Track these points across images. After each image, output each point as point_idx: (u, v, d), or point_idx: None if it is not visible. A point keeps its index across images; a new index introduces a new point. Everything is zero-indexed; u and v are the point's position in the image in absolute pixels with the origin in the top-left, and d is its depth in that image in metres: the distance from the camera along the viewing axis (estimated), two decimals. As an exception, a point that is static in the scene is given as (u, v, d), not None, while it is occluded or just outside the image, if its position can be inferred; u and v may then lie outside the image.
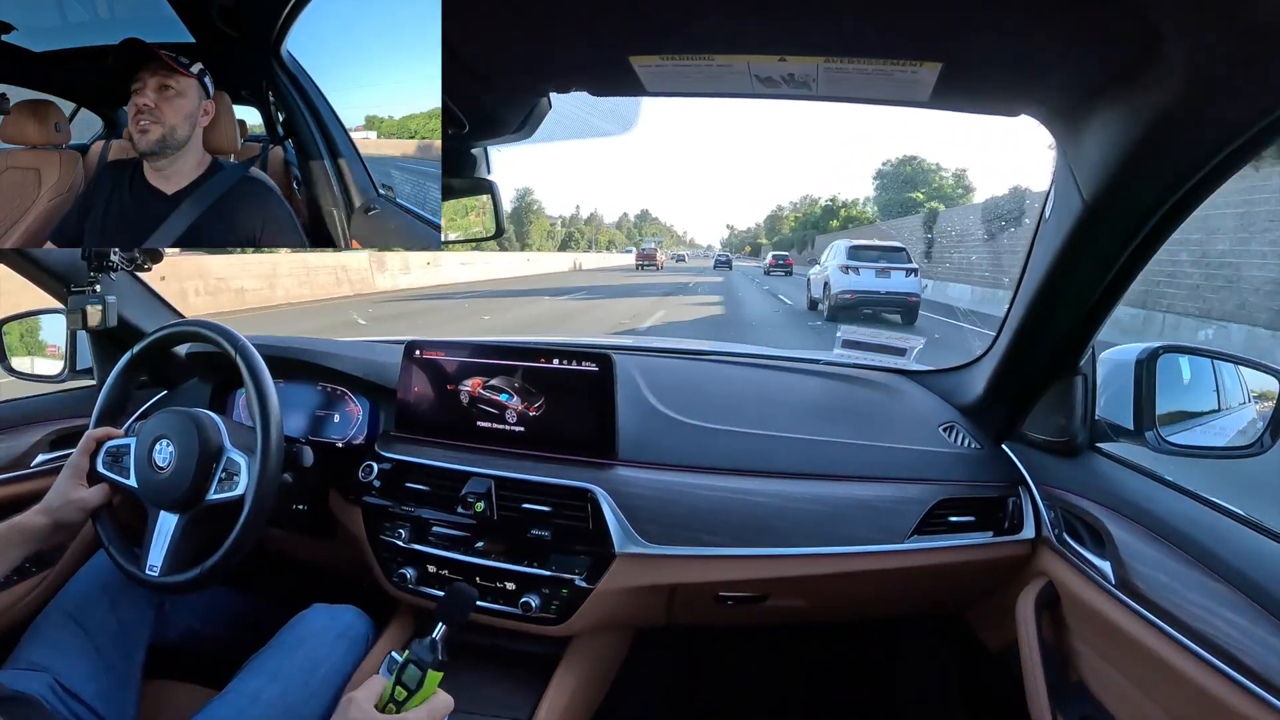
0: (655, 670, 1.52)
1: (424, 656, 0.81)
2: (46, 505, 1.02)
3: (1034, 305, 0.98)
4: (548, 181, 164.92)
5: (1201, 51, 0.58)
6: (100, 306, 1.20)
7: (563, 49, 0.78)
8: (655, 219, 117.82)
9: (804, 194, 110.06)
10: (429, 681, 0.80)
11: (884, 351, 1.48)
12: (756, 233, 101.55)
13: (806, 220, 63.72)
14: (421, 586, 1.16)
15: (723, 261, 43.51)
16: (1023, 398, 1.14)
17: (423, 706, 0.78)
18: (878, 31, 0.67)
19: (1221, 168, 0.70)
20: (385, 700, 0.78)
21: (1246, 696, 0.68)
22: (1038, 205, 0.94)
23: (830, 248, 12.48)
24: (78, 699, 1.00)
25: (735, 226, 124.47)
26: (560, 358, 1.16)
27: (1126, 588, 0.87)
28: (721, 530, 1.09)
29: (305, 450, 1.17)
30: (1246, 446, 0.97)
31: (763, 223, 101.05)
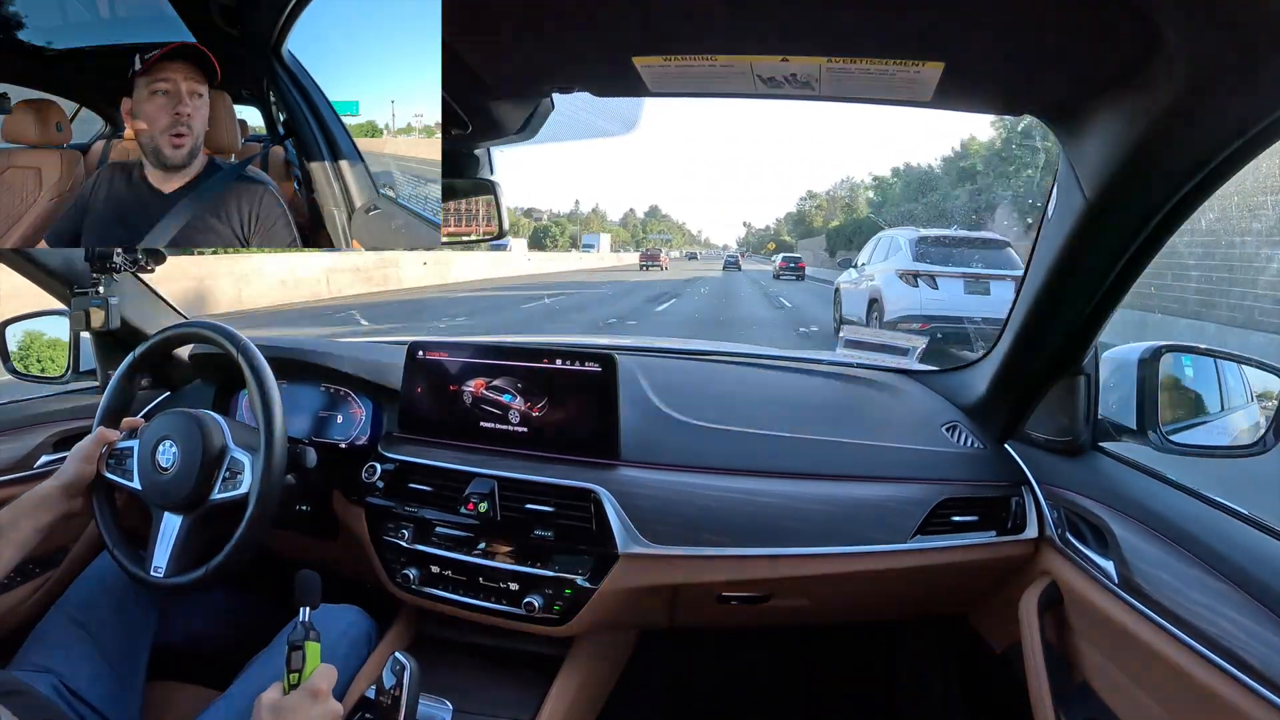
0: (658, 671, 1.52)
1: (298, 638, 0.86)
2: (60, 472, 1.03)
3: (1037, 304, 0.98)
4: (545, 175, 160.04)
5: (1203, 50, 0.58)
6: (103, 308, 1.20)
7: (565, 50, 0.78)
8: (666, 216, 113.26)
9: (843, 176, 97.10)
10: (310, 654, 0.85)
11: (886, 351, 1.48)
12: (779, 229, 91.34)
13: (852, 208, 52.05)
14: (425, 587, 1.16)
15: (731, 261, 43.30)
16: (1026, 397, 1.14)
17: (303, 685, 0.83)
18: (880, 32, 0.67)
19: (1224, 166, 0.70)
20: (286, 689, 0.84)
21: (1250, 696, 0.68)
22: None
23: (879, 241, 7.97)
24: (82, 700, 1.00)
25: (752, 224, 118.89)
26: (563, 358, 1.16)
27: (1130, 587, 0.87)
28: (724, 530, 1.09)
29: (308, 451, 1.17)
30: (1249, 446, 0.97)
31: (783, 218, 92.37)
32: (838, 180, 79.40)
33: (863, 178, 70.24)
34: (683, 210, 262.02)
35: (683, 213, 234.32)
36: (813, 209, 71.47)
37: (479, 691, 1.10)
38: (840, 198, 65.10)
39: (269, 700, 0.82)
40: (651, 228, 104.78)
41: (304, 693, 0.82)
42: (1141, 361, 0.99)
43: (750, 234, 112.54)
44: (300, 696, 0.82)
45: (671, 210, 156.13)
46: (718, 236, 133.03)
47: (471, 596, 1.14)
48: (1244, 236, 7.27)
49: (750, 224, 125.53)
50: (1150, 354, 0.99)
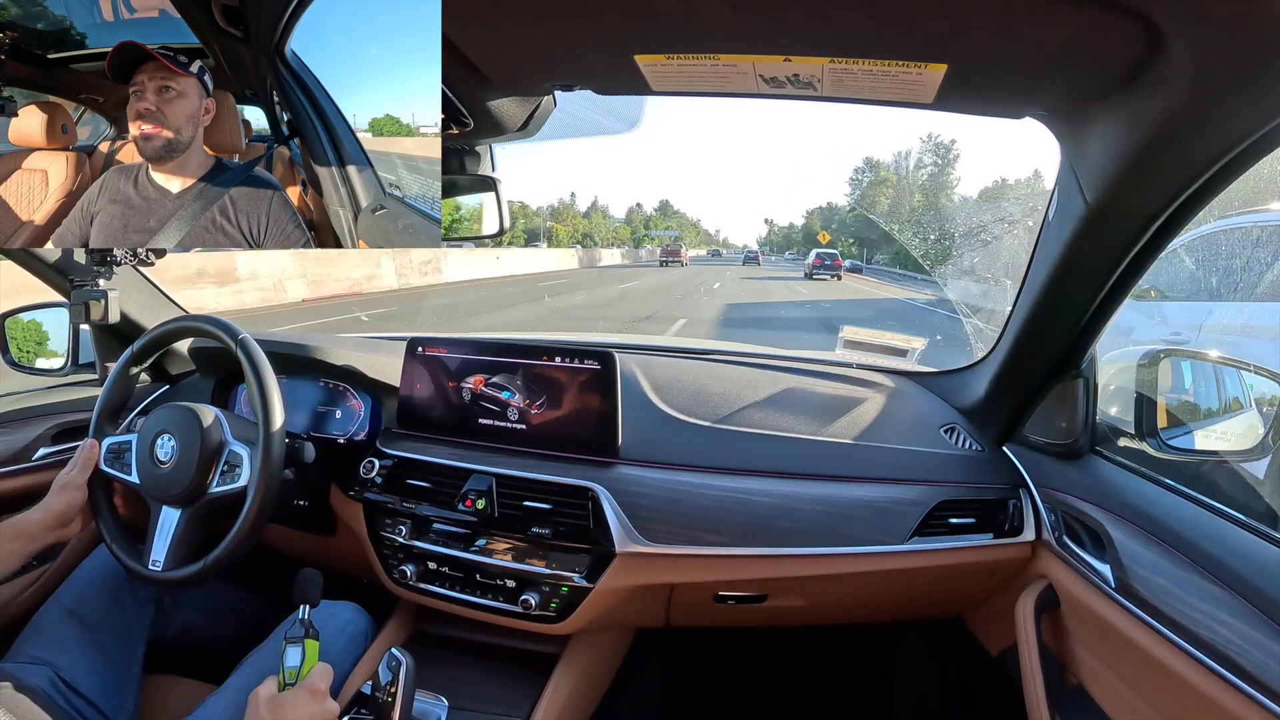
0: (654, 671, 1.52)
1: (296, 635, 0.88)
2: (45, 502, 1.03)
3: (1036, 307, 0.98)
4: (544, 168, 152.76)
5: (1206, 55, 0.58)
6: (103, 301, 1.20)
7: (568, 48, 0.78)
8: (679, 212, 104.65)
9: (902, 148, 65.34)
10: (310, 652, 0.88)
11: (885, 352, 1.48)
12: (810, 221, 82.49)
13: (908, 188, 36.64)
14: (421, 584, 1.16)
15: (750, 257, 43.52)
16: (1024, 400, 1.14)
17: (301, 684, 0.85)
18: (884, 33, 0.67)
19: (1225, 171, 0.70)
20: (282, 685, 0.86)
21: (1245, 701, 0.68)
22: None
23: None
24: (78, 693, 1.00)
25: (775, 221, 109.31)
26: (562, 356, 1.17)
27: (1126, 591, 0.87)
28: (722, 530, 1.09)
29: (307, 446, 1.17)
30: (1248, 450, 0.97)
31: (813, 211, 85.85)
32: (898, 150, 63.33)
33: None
34: (698, 207, 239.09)
35: (698, 209, 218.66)
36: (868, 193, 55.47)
37: (475, 688, 1.10)
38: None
39: (265, 694, 0.82)
40: (655, 223, 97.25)
41: (302, 690, 0.83)
42: (1140, 365, 0.99)
43: (773, 231, 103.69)
44: (298, 694, 0.83)
45: (685, 207, 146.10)
46: (737, 235, 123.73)
47: (468, 593, 1.14)
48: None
49: (773, 220, 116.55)
50: (1149, 358, 0.99)
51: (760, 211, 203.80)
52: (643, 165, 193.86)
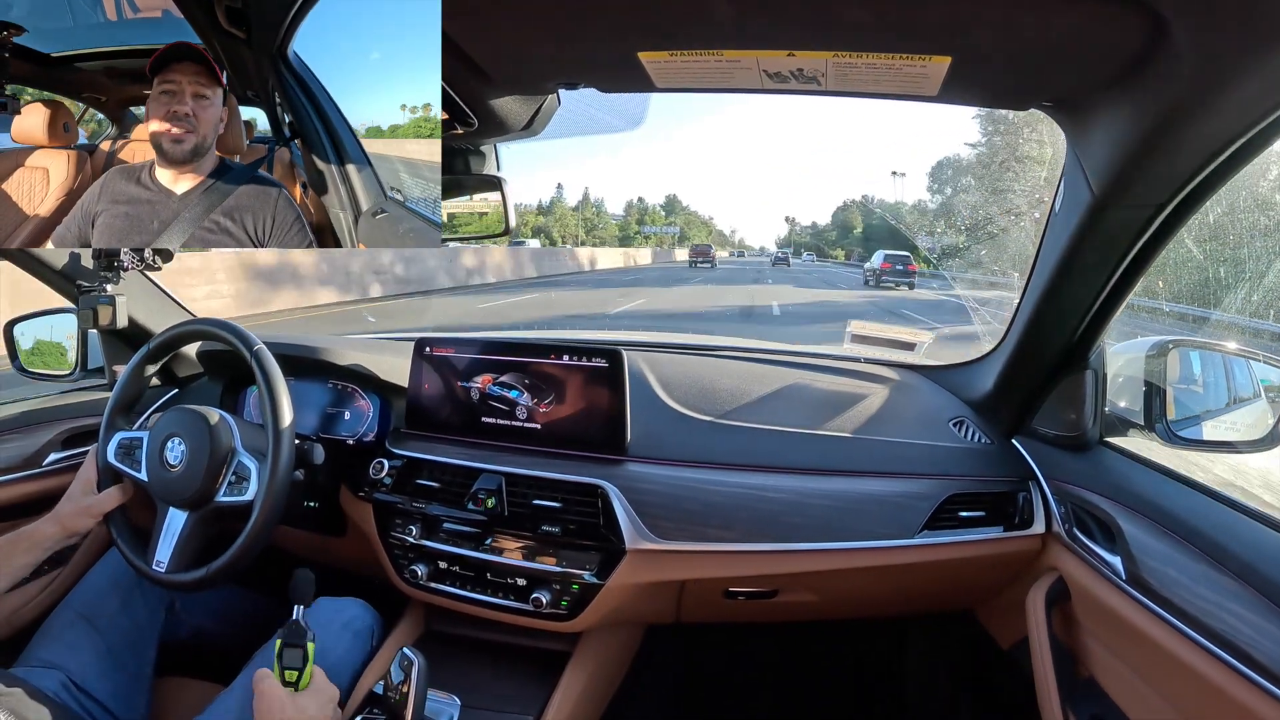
0: (665, 667, 1.52)
1: (295, 637, 0.89)
2: (57, 513, 1.04)
3: (1043, 299, 0.98)
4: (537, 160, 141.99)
5: (1211, 43, 0.58)
6: (110, 306, 1.20)
7: (571, 46, 0.78)
8: (686, 208, 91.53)
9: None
10: (311, 653, 0.90)
11: (893, 346, 1.47)
12: (850, 216, 75.67)
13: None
14: (432, 583, 1.17)
15: (780, 259, 40.15)
16: (1033, 392, 1.13)
17: (310, 696, 0.88)
18: (887, 26, 0.67)
19: (1231, 160, 0.70)
20: (281, 681, 0.88)
21: (1257, 692, 0.68)
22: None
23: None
24: (90, 697, 1.01)
25: (797, 220, 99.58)
26: (570, 354, 1.17)
27: (1137, 583, 0.87)
28: (732, 526, 1.09)
29: (316, 448, 1.17)
30: (1258, 441, 0.97)
31: (849, 204, 77.65)
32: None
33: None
34: (710, 204, 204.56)
35: (710, 207, 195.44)
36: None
37: (486, 687, 1.10)
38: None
39: (268, 686, 0.86)
40: (653, 219, 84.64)
41: (310, 692, 0.87)
42: (1149, 356, 0.99)
43: (795, 231, 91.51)
44: (308, 695, 0.87)
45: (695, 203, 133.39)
46: (754, 237, 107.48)
47: (479, 592, 1.15)
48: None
49: (795, 219, 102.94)
50: (1158, 349, 0.99)
51: (780, 209, 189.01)
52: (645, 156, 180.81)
